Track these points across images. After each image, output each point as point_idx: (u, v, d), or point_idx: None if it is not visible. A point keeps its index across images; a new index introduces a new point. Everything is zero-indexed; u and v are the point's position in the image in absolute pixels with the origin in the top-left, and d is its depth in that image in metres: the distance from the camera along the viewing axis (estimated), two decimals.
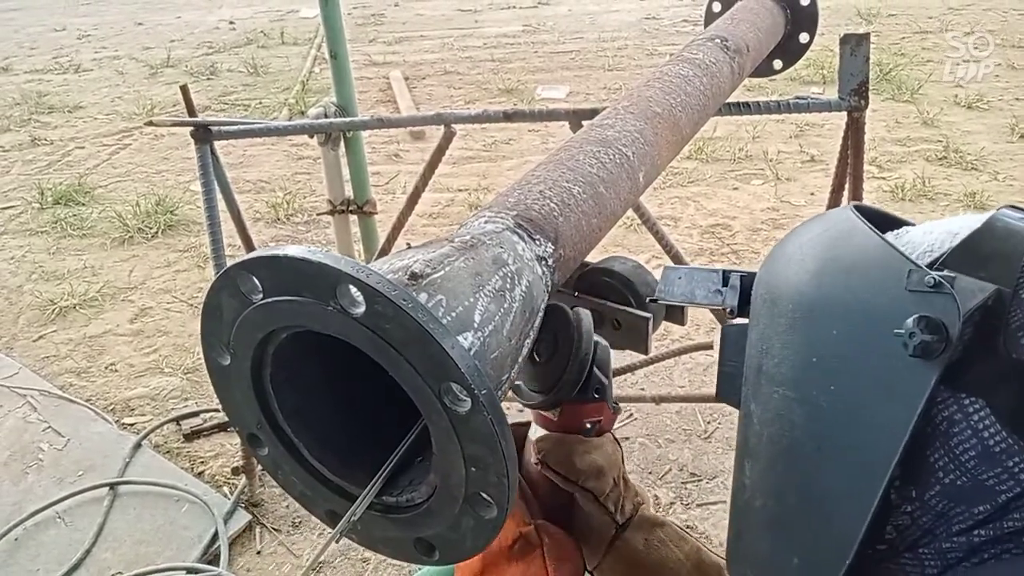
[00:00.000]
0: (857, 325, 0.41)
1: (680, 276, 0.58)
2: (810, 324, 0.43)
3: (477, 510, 0.47)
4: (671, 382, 2.33)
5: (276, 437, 0.54)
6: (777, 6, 1.45)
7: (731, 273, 0.55)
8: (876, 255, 0.43)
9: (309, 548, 1.85)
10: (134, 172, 4.08)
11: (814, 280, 0.44)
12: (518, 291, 0.55)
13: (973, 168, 3.55)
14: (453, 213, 3.43)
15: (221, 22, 7.09)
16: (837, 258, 0.44)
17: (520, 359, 0.54)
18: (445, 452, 0.46)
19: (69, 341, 2.70)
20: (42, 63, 6.17)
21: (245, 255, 0.47)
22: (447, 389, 0.43)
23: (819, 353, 0.43)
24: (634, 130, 0.80)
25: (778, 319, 0.46)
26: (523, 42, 5.87)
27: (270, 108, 4.81)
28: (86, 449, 2.18)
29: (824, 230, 0.48)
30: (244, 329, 0.49)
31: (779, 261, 0.49)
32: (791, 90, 4.49)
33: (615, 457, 0.72)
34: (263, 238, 3.29)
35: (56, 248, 3.35)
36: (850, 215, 0.47)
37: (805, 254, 0.47)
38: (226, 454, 2.15)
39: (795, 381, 0.44)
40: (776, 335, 0.46)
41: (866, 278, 0.42)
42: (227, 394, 0.54)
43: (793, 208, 3.30)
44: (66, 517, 1.96)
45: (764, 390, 0.46)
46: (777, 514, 0.46)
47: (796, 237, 0.50)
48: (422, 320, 0.42)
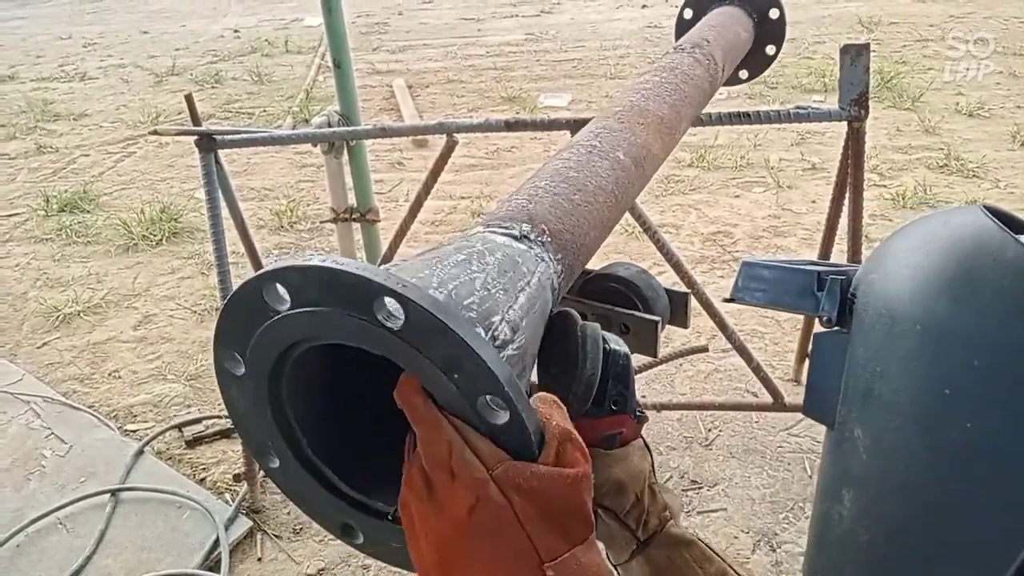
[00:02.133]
0: (1006, 359, 0.35)
1: (765, 273, 0.51)
2: (943, 351, 0.37)
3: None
4: (672, 389, 2.33)
5: (290, 450, 0.53)
6: (746, 18, 1.47)
7: (828, 275, 0.48)
8: None
9: (310, 555, 1.86)
10: (139, 179, 4.11)
11: (948, 299, 0.38)
12: (534, 299, 0.55)
13: (975, 176, 3.55)
14: (456, 220, 3.44)
15: (226, 31, 7.13)
16: (976, 276, 0.38)
17: (534, 366, 0.55)
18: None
19: (73, 348, 2.71)
20: (48, 71, 6.22)
21: (276, 263, 0.46)
22: (484, 403, 0.43)
23: (954, 385, 0.37)
24: (625, 136, 0.81)
25: (898, 340, 0.40)
26: (526, 50, 5.90)
27: (274, 116, 4.84)
28: (88, 456, 2.19)
29: (950, 236, 0.41)
30: (265, 340, 0.48)
31: (892, 268, 0.42)
32: (793, 98, 4.51)
33: (640, 469, 0.68)
34: (267, 245, 3.31)
35: (61, 255, 3.36)
36: (983, 219, 0.40)
37: (931, 264, 0.40)
38: (228, 461, 2.15)
39: (919, 413, 0.38)
40: (895, 358, 0.40)
41: (1020, 303, 0.35)
42: (238, 405, 0.53)
43: (795, 216, 3.31)
44: (68, 523, 1.96)
45: (876, 417, 0.40)
46: (888, 556, 0.40)
47: (909, 239, 0.43)
48: (464, 334, 0.41)
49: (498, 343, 0.48)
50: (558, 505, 0.46)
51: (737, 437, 2.14)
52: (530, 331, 0.53)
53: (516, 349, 0.50)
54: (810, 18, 6.12)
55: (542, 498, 0.45)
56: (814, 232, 3.05)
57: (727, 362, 2.40)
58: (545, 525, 0.45)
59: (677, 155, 3.83)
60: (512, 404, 0.42)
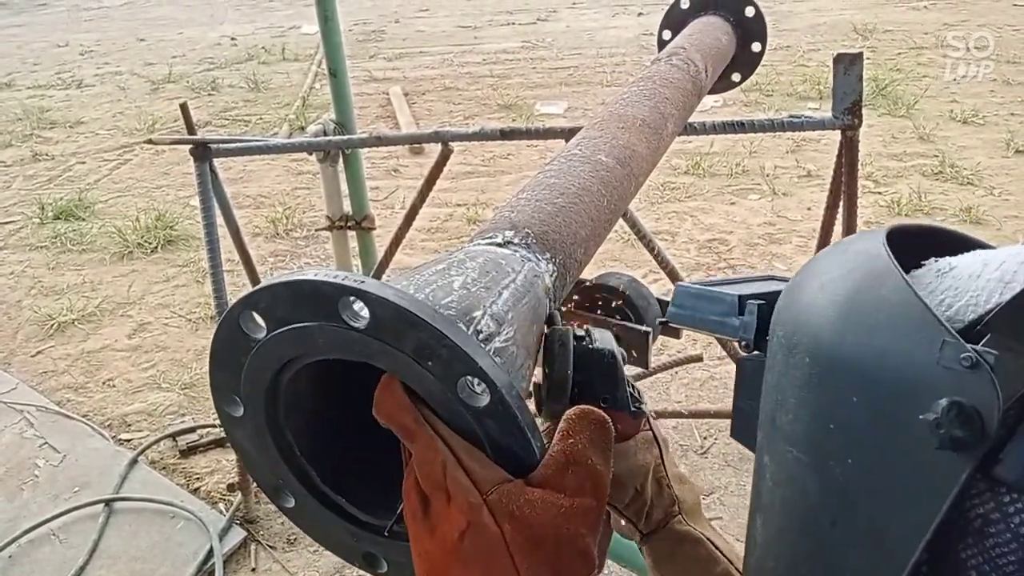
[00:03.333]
0: (880, 397, 0.35)
1: (692, 297, 0.51)
2: (828, 385, 0.37)
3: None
4: (668, 397, 2.33)
5: (300, 483, 0.52)
6: (723, 22, 1.48)
7: (749, 300, 0.48)
8: (905, 312, 0.35)
9: (304, 565, 1.85)
10: (134, 187, 4.10)
11: (835, 332, 0.37)
12: (520, 295, 0.55)
13: (969, 183, 3.57)
14: (452, 228, 3.45)
15: (223, 38, 7.15)
16: (861, 308, 0.37)
17: (531, 371, 0.54)
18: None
19: (67, 356, 2.70)
20: (45, 79, 6.22)
21: (246, 291, 0.45)
22: (464, 386, 0.42)
23: (837, 420, 0.36)
24: (606, 140, 0.82)
25: (794, 371, 0.39)
26: (522, 58, 5.92)
27: (271, 124, 4.84)
28: (82, 465, 2.18)
29: (849, 266, 0.40)
30: (252, 371, 0.47)
31: (798, 297, 0.42)
32: (788, 105, 4.53)
33: (641, 464, 0.67)
34: (262, 253, 3.30)
35: (55, 263, 3.36)
36: (879, 248, 0.39)
37: (826, 295, 0.39)
38: (222, 470, 2.14)
39: (809, 446, 0.38)
40: (791, 388, 0.39)
41: (893, 342, 0.35)
42: (244, 447, 0.52)
43: (790, 223, 3.31)
44: (61, 534, 1.95)
45: (778, 447, 0.40)
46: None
47: (819, 268, 0.42)
48: (429, 318, 0.41)
49: (482, 335, 0.47)
50: (549, 535, 0.42)
51: (733, 445, 2.13)
52: (520, 325, 0.52)
53: (504, 341, 0.49)
54: (805, 26, 6.15)
55: (533, 525, 0.42)
56: (809, 239, 3.06)
57: (722, 370, 2.39)
58: (535, 557, 0.42)
59: (673, 162, 3.83)
60: (490, 381, 0.41)
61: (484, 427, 0.43)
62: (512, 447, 0.43)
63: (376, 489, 0.55)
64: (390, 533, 0.52)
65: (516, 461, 0.44)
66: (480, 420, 0.43)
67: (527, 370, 0.55)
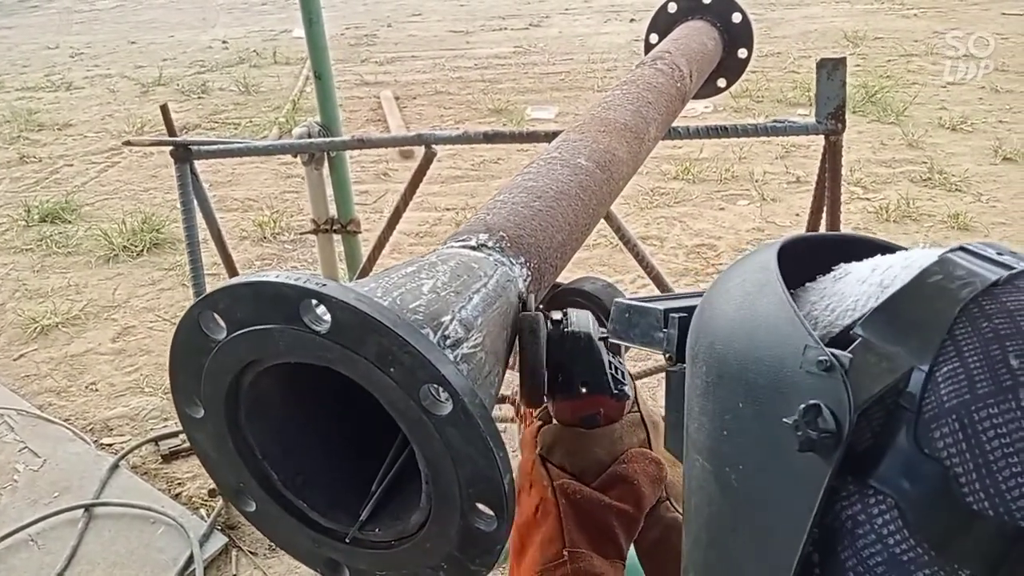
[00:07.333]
0: (760, 403, 0.35)
1: (625, 312, 0.51)
2: (719, 392, 0.38)
3: (476, 522, 0.44)
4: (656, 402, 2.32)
5: (261, 487, 0.51)
6: (710, 27, 1.47)
7: (671, 313, 0.48)
8: (780, 319, 0.36)
9: (285, 572, 1.83)
10: (122, 190, 4.08)
11: (725, 342, 0.38)
12: (491, 300, 0.54)
13: (957, 190, 3.58)
14: (440, 232, 3.43)
15: (214, 41, 7.13)
16: (745, 317, 0.38)
17: (501, 376, 0.53)
18: (436, 468, 0.44)
19: (50, 360, 2.68)
20: (34, 81, 6.18)
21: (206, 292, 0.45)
22: (427, 394, 0.41)
23: (728, 427, 0.37)
24: (586, 144, 0.81)
25: (695, 379, 0.40)
26: (514, 63, 5.92)
27: (260, 127, 4.82)
28: (62, 470, 2.15)
29: (743, 277, 0.41)
30: (212, 373, 0.47)
31: (703, 308, 0.43)
32: (778, 111, 4.54)
33: (627, 447, 0.68)
34: (249, 256, 3.28)
35: (40, 266, 3.33)
36: (770, 259, 0.39)
37: (721, 306, 0.40)
38: (204, 475, 2.12)
39: (710, 453, 0.39)
40: (695, 397, 0.40)
41: (768, 348, 0.36)
42: (204, 448, 0.51)
43: (779, 229, 3.32)
44: (39, 540, 1.92)
45: (690, 455, 0.41)
46: None
47: (723, 280, 0.43)
48: (391, 323, 0.40)
49: (449, 341, 0.47)
50: (590, 517, 0.63)
51: None
52: (490, 331, 0.52)
53: (472, 347, 0.48)
54: (796, 33, 6.18)
55: (580, 507, 0.63)
56: None
57: None
58: (577, 525, 0.63)
59: (662, 168, 3.84)
60: (452, 389, 0.40)
61: (446, 435, 0.42)
62: (473, 455, 0.43)
63: (340, 495, 0.54)
64: (352, 540, 0.52)
65: (476, 470, 0.43)
66: (442, 428, 0.42)
67: (496, 376, 0.54)
